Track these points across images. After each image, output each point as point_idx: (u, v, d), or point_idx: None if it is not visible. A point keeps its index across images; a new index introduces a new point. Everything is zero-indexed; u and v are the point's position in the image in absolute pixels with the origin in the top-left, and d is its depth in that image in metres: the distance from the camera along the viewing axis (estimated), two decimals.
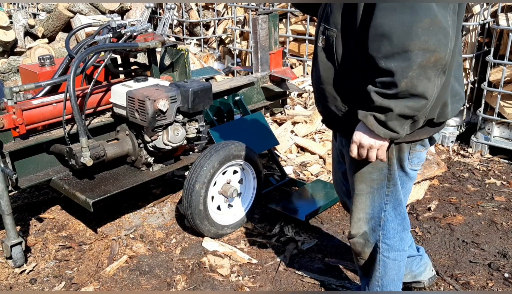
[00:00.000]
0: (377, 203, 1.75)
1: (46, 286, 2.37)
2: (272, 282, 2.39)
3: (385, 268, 1.86)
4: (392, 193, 1.72)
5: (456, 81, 1.56)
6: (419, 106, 1.36)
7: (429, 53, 1.30)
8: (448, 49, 1.32)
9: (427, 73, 1.32)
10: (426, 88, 1.34)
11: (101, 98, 2.72)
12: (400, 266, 1.88)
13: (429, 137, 1.65)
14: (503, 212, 2.99)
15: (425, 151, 1.71)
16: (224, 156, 2.57)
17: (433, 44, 1.29)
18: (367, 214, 1.78)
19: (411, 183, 1.79)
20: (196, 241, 2.72)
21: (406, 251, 1.89)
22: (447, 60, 1.34)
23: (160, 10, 6.66)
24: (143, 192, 3.24)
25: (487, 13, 3.88)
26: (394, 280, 1.89)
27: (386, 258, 1.83)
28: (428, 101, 1.36)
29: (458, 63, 1.58)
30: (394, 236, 1.80)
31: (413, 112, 1.37)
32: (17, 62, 5.62)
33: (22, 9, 7.21)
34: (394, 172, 1.67)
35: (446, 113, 1.56)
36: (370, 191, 1.73)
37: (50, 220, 2.94)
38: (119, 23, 2.82)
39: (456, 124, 4.12)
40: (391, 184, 1.70)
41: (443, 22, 1.30)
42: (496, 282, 2.35)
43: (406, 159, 1.66)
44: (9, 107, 2.38)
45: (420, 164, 1.72)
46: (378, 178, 1.69)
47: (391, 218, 1.77)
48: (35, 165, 2.58)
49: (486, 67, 3.80)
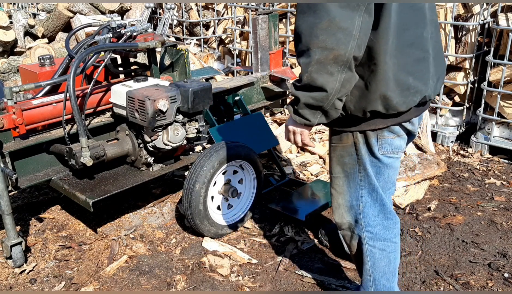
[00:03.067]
0: (353, 188, 1.83)
1: (46, 286, 2.37)
2: (272, 282, 2.39)
3: (373, 259, 1.90)
4: (364, 178, 1.79)
5: (410, 75, 1.63)
6: (321, 97, 1.53)
7: (327, 51, 1.45)
8: (348, 47, 1.44)
9: (327, 68, 1.47)
10: (327, 82, 1.49)
11: (101, 98, 2.72)
12: (390, 258, 1.91)
13: (395, 125, 1.70)
14: (503, 212, 2.99)
15: (398, 139, 1.75)
16: (224, 156, 2.58)
17: (331, 43, 1.44)
18: (346, 201, 1.86)
19: (391, 171, 1.82)
20: (196, 241, 2.72)
21: (396, 243, 1.91)
22: (348, 57, 1.46)
23: (160, 10, 6.66)
24: (143, 192, 3.24)
25: (487, 13, 3.88)
26: (386, 273, 1.92)
27: (372, 248, 1.88)
28: (328, 93, 1.51)
29: (417, 57, 1.64)
30: (376, 224, 1.86)
31: (317, 102, 1.54)
32: (17, 62, 5.62)
33: (22, 9, 7.21)
34: (362, 157, 1.76)
35: (394, 106, 1.62)
36: (345, 174, 1.83)
37: (50, 220, 2.94)
38: (119, 23, 2.82)
39: (456, 124, 4.12)
40: (361, 169, 1.78)
41: (342, 23, 1.42)
42: (496, 282, 2.35)
43: (376, 145, 1.73)
44: (9, 107, 2.38)
45: (395, 151, 1.77)
46: (350, 162, 1.79)
47: (368, 204, 1.83)
48: (35, 165, 2.58)
49: (486, 67, 3.80)
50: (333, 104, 1.55)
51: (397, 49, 1.57)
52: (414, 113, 1.72)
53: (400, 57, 1.59)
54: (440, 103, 4.03)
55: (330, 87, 1.50)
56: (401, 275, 2.42)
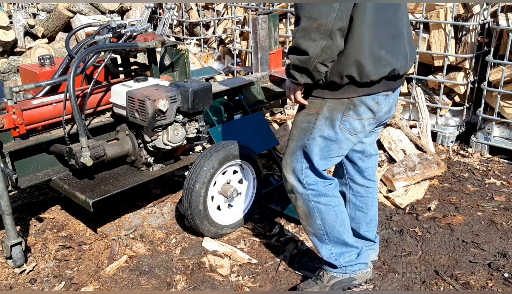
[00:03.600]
0: (299, 151, 2.04)
1: (46, 286, 2.37)
2: (272, 282, 2.39)
3: (321, 213, 2.09)
4: (309, 145, 2.00)
5: (383, 48, 1.83)
6: (304, 60, 1.78)
7: (311, 20, 1.70)
8: (329, 17, 1.68)
9: (310, 35, 1.72)
10: (309, 47, 1.73)
11: (101, 98, 2.72)
12: (336, 211, 2.11)
13: (366, 95, 1.90)
14: (503, 212, 2.99)
15: (358, 121, 1.94)
16: (224, 156, 2.58)
17: (314, 13, 1.69)
18: (292, 162, 2.07)
19: (336, 146, 2.01)
20: (196, 241, 2.72)
21: (338, 197, 2.12)
22: (329, 26, 1.69)
23: (160, 10, 6.66)
24: (143, 192, 3.24)
25: (487, 13, 3.88)
26: (335, 226, 2.12)
27: (317, 203, 2.08)
28: (310, 56, 1.75)
29: (390, 34, 1.86)
30: (318, 183, 2.06)
31: (301, 63, 1.79)
32: (17, 62, 5.62)
33: (22, 9, 7.21)
34: (317, 127, 1.97)
35: (366, 73, 1.82)
36: (298, 138, 2.04)
37: (50, 220, 2.94)
38: (119, 23, 2.82)
39: (456, 124, 4.12)
40: (311, 137, 1.99)
41: None
42: (496, 282, 2.35)
43: (339, 120, 1.94)
44: (9, 107, 2.38)
45: (351, 131, 1.97)
46: (305, 128, 2.00)
47: (309, 167, 2.04)
48: (35, 165, 2.58)
49: (486, 67, 3.80)
50: (315, 67, 1.79)
51: (373, 24, 1.79)
52: (384, 86, 1.91)
53: (376, 31, 1.81)
54: (440, 103, 4.03)
55: (312, 51, 1.74)
56: (401, 275, 2.43)
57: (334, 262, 2.18)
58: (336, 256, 2.17)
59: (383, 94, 1.94)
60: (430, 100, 4.10)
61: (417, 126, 4.05)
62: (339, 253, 2.17)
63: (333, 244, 2.15)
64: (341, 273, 2.20)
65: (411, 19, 4.02)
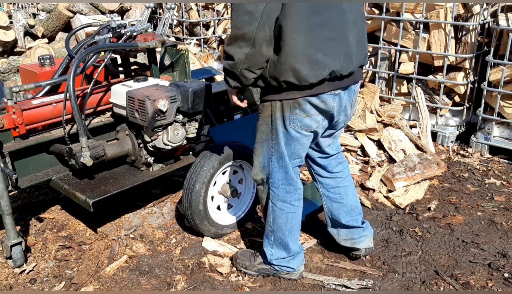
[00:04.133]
0: (266, 153, 2.15)
1: (46, 286, 2.37)
2: (272, 282, 2.39)
3: (274, 214, 2.26)
4: (275, 146, 2.11)
5: (320, 51, 1.89)
6: (231, 64, 1.91)
7: (237, 29, 1.83)
8: (251, 27, 1.79)
9: (237, 42, 1.85)
10: (235, 53, 1.87)
11: (101, 98, 2.72)
12: (288, 217, 2.24)
13: (309, 96, 1.96)
14: (503, 212, 2.99)
15: (308, 118, 2.02)
16: (224, 156, 2.57)
17: (239, 23, 1.81)
18: (260, 163, 2.19)
19: (297, 144, 2.10)
20: (196, 241, 2.72)
21: (295, 206, 2.25)
22: (252, 35, 1.80)
23: (160, 10, 6.66)
24: (143, 192, 3.24)
25: (487, 13, 3.88)
26: (283, 229, 2.26)
27: (274, 205, 2.24)
28: (235, 62, 1.88)
29: (327, 37, 1.90)
30: (279, 187, 2.20)
31: (230, 68, 1.93)
32: (17, 62, 5.62)
33: (22, 9, 7.21)
34: (275, 127, 2.06)
35: (304, 77, 1.89)
36: (261, 141, 2.15)
37: (50, 220, 2.94)
38: (119, 23, 2.82)
39: (456, 124, 4.12)
40: (274, 138, 2.09)
41: (247, 7, 1.78)
42: (496, 282, 2.35)
43: (288, 119, 2.02)
44: (9, 107, 2.38)
45: (304, 128, 2.04)
46: (266, 131, 2.11)
47: (276, 169, 2.16)
48: (35, 165, 2.58)
49: (486, 67, 3.80)
50: (241, 72, 1.91)
51: (307, 28, 1.85)
52: (328, 87, 1.97)
53: (311, 35, 1.86)
54: (440, 103, 4.03)
55: (237, 57, 1.87)
56: (401, 275, 2.43)
57: (268, 257, 2.35)
58: (272, 256, 2.33)
59: (329, 94, 1.99)
60: (430, 100, 4.10)
61: (417, 126, 4.05)
62: (277, 254, 2.32)
63: (276, 243, 2.30)
64: (269, 266, 2.38)
65: (411, 19, 4.02)
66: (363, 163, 3.63)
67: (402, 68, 4.13)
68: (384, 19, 4.14)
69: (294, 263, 2.34)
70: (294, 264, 2.34)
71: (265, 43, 1.83)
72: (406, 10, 4.01)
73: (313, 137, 2.13)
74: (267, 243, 2.34)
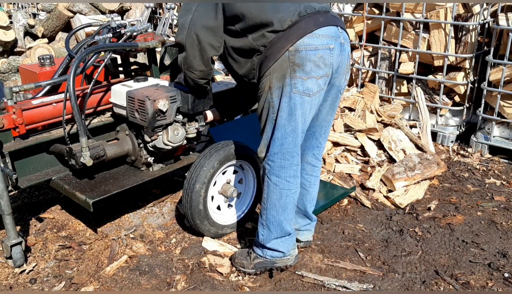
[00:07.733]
0: (269, 126, 2.16)
1: (46, 286, 2.37)
2: (272, 282, 2.39)
3: (268, 189, 2.25)
4: (274, 117, 2.11)
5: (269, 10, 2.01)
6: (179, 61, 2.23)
7: (175, 38, 2.17)
8: (181, 36, 2.11)
9: (180, 49, 2.18)
10: (180, 55, 2.20)
11: (101, 98, 2.72)
12: (282, 194, 2.23)
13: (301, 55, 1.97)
14: (503, 212, 2.99)
15: (310, 81, 2.01)
16: (224, 156, 2.57)
17: (176, 34, 2.15)
18: (265, 140, 2.21)
19: (298, 112, 2.07)
20: (196, 241, 2.73)
21: (290, 183, 2.22)
22: (182, 43, 2.12)
23: (160, 10, 6.66)
24: (143, 192, 3.24)
25: (487, 13, 3.88)
26: (276, 206, 2.25)
27: (268, 180, 2.24)
28: (179, 61, 2.22)
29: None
30: (275, 161, 2.18)
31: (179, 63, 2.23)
32: (17, 62, 5.62)
33: (22, 9, 7.21)
34: (275, 100, 2.07)
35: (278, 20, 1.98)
36: (265, 116, 2.16)
37: (50, 220, 2.94)
38: (119, 23, 2.83)
39: (456, 124, 4.12)
40: (274, 110, 2.10)
41: (180, 20, 2.12)
42: (496, 282, 2.35)
43: (289, 84, 2.02)
44: (9, 107, 2.38)
45: (307, 93, 2.03)
46: (266, 106, 2.13)
47: (273, 142, 2.16)
48: (35, 165, 2.58)
49: (486, 67, 3.80)
50: (185, 72, 2.25)
51: None
52: (313, 25, 1.98)
53: None
54: (440, 103, 4.03)
55: (179, 60, 2.21)
56: (401, 275, 2.43)
57: (260, 238, 2.36)
58: (264, 236, 2.34)
59: (325, 48, 1.99)
60: (430, 100, 4.10)
61: (417, 126, 4.05)
62: (268, 234, 2.32)
63: (268, 222, 2.30)
64: (262, 257, 2.39)
65: (411, 19, 4.02)
66: (363, 163, 3.63)
67: (402, 68, 4.13)
68: (384, 19, 4.15)
69: (285, 245, 2.34)
70: (284, 247, 2.34)
71: (195, 47, 2.10)
72: (406, 10, 4.01)
73: (314, 103, 2.10)
74: (260, 222, 2.35)
